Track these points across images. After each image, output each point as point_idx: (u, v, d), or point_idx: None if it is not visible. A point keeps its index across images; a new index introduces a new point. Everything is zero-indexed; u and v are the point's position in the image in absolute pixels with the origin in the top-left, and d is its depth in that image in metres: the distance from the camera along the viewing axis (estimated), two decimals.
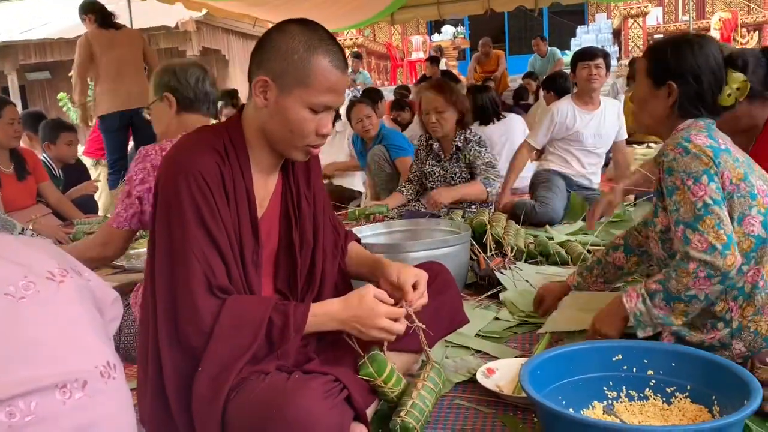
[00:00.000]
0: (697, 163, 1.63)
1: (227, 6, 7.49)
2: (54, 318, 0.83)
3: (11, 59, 14.31)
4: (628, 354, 1.61)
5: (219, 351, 1.36)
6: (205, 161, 1.42)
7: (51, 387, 0.78)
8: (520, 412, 1.71)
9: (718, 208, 1.60)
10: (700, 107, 1.76)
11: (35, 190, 4.19)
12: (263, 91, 1.44)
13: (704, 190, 1.61)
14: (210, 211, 1.40)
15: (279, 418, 1.28)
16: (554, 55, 10.63)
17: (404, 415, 1.51)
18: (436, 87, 3.59)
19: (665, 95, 1.79)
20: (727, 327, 1.66)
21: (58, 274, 0.87)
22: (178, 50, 14.60)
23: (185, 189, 1.39)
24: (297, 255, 1.58)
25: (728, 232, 1.59)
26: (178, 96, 2.26)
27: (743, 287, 1.64)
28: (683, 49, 1.77)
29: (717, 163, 1.63)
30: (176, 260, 1.39)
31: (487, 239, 3.11)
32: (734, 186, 1.63)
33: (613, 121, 4.22)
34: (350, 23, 9.62)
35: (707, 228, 1.59)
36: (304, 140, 1.47)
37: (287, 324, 1.40)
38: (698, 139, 1.67)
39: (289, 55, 1.42)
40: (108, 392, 0.85)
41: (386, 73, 14.43)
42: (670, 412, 1.53)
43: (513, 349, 2.12)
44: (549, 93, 6.16)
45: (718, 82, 1.75)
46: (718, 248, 1.57)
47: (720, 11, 13.18)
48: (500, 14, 12.18)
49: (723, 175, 1.63)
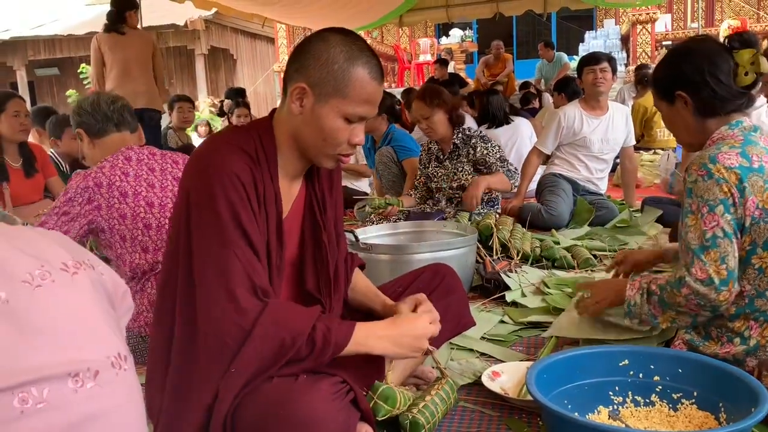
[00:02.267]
0: (717, 190, 1.59)
1: (237, 5, 7.50)
2: (68, 307, 0.83)
3: (20, 55, 14.38)
4: (634, 359, 1.61)
5: (256, 353, 1.33)
6: (239, 162, 1.40)
7: (64, 375, 0.78)
8: (526, 416, 1.70)
9: (728, 241, 1.58)
10: (721, 103, 1.72)
11: (43, 185, 4.20)
12: (300, 98, 1.43)
13: (717, 221, 1.58)
14: (246, 213, 1.38)
15: (286, 419, 1.28)
16: (561, 59, 10.64)
17: (416, 413, 1.54)
18: (419, 95, 3.67)
19: (683, 106, 1.77)
20: (743, 344, 1.63)
21: (72, 266, 0.87)
22: (186, 49, 14.65)
23: (220, 190, 1.37)
24: (327, 258, 1.58)
25: (731, 268, 1.58)
26: (84, 128, 2.31)
27: (766, 311, 1.61)
28: (678, 59, 1.78)
29: (742, 189, 1.58)
30: (213, 260, 1.36)
31: (493, 242, 3.11)
32: (761, 211, 1.58)
33: (621, 126, 4.21)
34: (359, 25, 9.62)
35: (710, 260, 1.58)
36: (336, 149, 1.47)
37: (329, 336, 1.37)
38: (727, 159, 1.61)
39: (329, 64, 1.41)
40: (118, 383, 0.85)
41: (394, 75, 14.44)
42: (677, 418, 1.52)
43: (518, 353, 2.12)
44: (560, 95, 6.16)
45: (725, 71, 1.71)
46: (715, 282, 1.57)
47: (729, 18, 13.14)
48: (509, 18, 12.17)
49: (747, 202, 1.58)
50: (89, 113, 2.29)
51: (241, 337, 1.33)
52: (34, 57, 14.24)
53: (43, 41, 13.97)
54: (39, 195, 4.16)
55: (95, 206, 2.14)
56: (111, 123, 2.31)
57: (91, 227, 2.17)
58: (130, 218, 2.15)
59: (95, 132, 2.30)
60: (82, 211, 2.13)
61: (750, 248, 1.59)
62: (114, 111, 2.31)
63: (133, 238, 2.15)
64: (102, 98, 2.33)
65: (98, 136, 2.31)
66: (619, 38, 13.12)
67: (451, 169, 3.65)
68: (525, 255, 3.09)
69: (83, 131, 2.31)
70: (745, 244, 1.60)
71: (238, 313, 1.34)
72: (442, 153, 3.72)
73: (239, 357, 1.33)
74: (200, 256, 1.38)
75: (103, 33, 5.48)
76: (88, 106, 2.30)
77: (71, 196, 2.15)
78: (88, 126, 2.30)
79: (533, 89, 9.19)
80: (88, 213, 2.14)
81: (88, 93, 5.38)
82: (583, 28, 15.62)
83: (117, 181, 2.17)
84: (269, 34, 14.40)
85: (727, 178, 1.58)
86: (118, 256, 2.19)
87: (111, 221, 2.15)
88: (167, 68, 15.57)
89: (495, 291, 2.70)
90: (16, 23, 14.10)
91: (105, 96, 2.35)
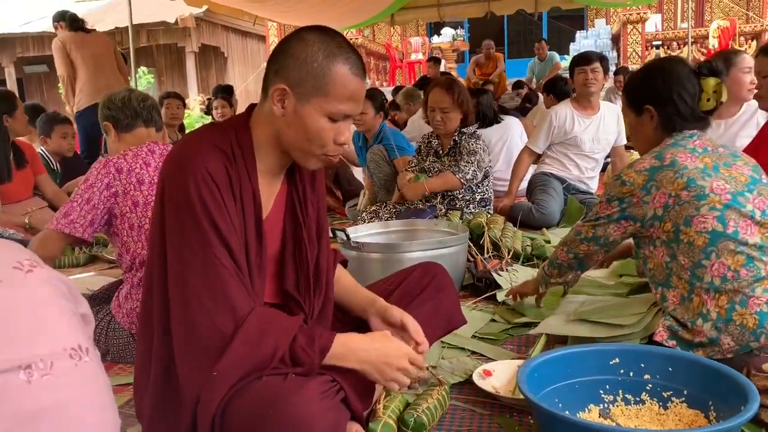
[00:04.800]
0: (617, 189, 1.90)
1: (228, 2, 7.47)
2: (18, 302, 0.83)
3: (9, 52, 14.27)
4: (625, 358, 1.61)
5: (239, 360, 1.32)
6: (213, 162, 1.38)
7: (14, 368, 0.78)
8: (517, 414, 1.71)
9: (605, 222, 1.95)
10: (682, 121, 1.91)
11: (32, 182, 4.18)
12: (281, 99, 1.41)
13: (606, 209, 1.95)
14: (219, 212, 1.37)
15: (276, 418, 1.27)
16: (552, 59, 10.66)
17: (420, 412, 1.58)
18: (446, 86, 3.57)
19: (648, 119, 1.97)
20: (706, 321, 1.71)
21: (27, 265, 0.87)
22: (177, 46, 14.58)
23: (194, 189, 1.35)
24: (307, 257, 1.56)
25: (597, 235, 1.99)
26: (113, 122, 2.36)
27: (712, 281, 1.73)
28: (651, 75, 1.97)
29: (647, 188, 1.83)
30: (192, 265, 1.35)
31: (484, 241, 3.12)
32: (673, 198, 1.79)
33: (612, 126, 4.22)
34: (350, 23, 9.62)
35: (589, 223, 2.02)
36: (322, 149, 1.45)
37: (312, 344, 1.37)
38: (640, 164, 1.87)
39: (308, 63, 1.39)
40: (78, 374, 0.84)
41: (385, 74, 14.42)
42: (667, 416, 1.53)
43: (509, 351, 2.12)
44: (549, 96, 6.18)
45: (691, 93, 1.90)
46: (581, 235, 2.04)
47: (718, 19, 13.21)
48: (500, 18, 12.22)
49: (654, 197, 1.82)
50: (119, 108, 2.35)
51: (222, 345, 1.32)
52: (22, 54, 14.13)
53: (32, 38, 13.86)
54: (28, 192, 4.14)
55: (113, 193, 2.16)
56: (140, 119, 2.37)
57: (110, 215, 2.19)
58: (141, 206, 2.16)
59: (123, 126, 2.36)
60: (102, 198, 2.16)
61: (674, 229, 1.79)
62: (144, 108, 2.38)
63: (140, 226, 2.16)
64: (133, 95, 2.40)
65: (125, 131, 2.36)
66: (610, 38, 13.16)
67: (447, 165, 3.65)
68: (516, 254, 3.10)
69: (111, 125, 2.37)
70: (667, 227, 1.81)
71: (230, 303, 1.33)
72: (441, 148, 3.72)
73: (221, 363, 1.31)
74: (177, 259, 1.37)
75: (67, 32, 5.56)
76: (119, 101, 2.36)
77: (92, 182, 2.17)
78: (116, 120, 2.36)
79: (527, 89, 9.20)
80: (106, 200, 2.16)
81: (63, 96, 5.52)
82: (574, 27, 15.66)
83: (137, 168, 2.20)
84: (260, 32, 14.35)
85: (632, 180, 1.86)
86: (123, 243, 2.19)
87: (124, 208, 2.17)
88: (158, 66, 15.53)
89: (486, 289, 2.70)
90: (5, 20, 14.00)
91: (137, 93, 2.42)
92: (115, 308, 2.19)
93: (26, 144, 4.36)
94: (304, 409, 1.27)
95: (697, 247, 1.75)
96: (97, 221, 2.16)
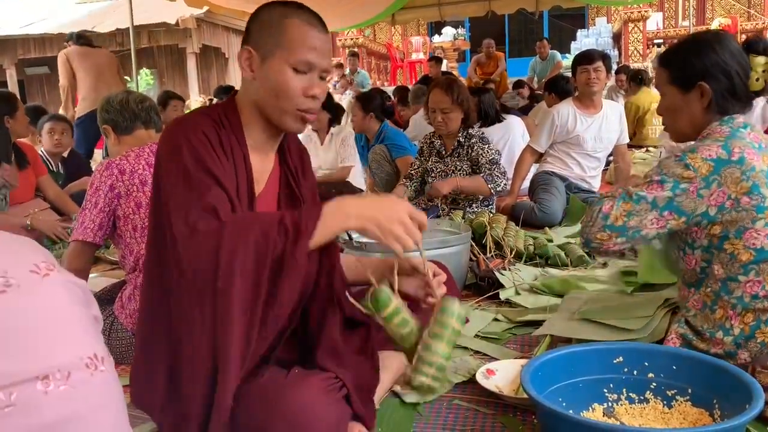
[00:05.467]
0: (678, 170, 1.65)
1: (228, 3, 7.46)
2: (36, 310, 0.83)
3: (10, 53, 14.26)
4: (629, 356, 1.61)
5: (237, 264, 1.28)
6: (204, 125, 1.45)
7: (32, 379, 0.77)
8: (520, 414, 1.71)
9: (648, 209, 1.66)
10: (734, 100, 1.74)
11: (34, 184, 4.17)
12: (249, 62, 1.49)
13: (656, 191, 1.66)
14: (213, 162, 1.40)
15: (278, 412, 1.28)
16: (554, 57, 10.65)
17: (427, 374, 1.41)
18: (445, 87, 3.57)
19: (698, 97, 1.75)
20: (728, 335, 1.65)
21: (44, 268, 0.86)
22: (178, 47, 14.57)
23: (185, 143, 1.40)
24: None
25: (628, 226, 1.67)
26: (112, 124, 2.37)
27: (741, 297, 1.64)
28: (705, 48, 1.74)
29: (710, 181, 1.62)
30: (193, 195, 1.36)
31: (487, 240, 3.11)
32: (732, 201, 1.62)
33: (615, 125, 4.22)
34: (351, 23, 9.61)
35: (622, 208, 1.68)
36: (291, 102, 1.47)
37: (299, 218, 1.34)
38: (706, 151, 1.65)
39: (266, 23, 1.48)
40: (94, 384, 0.84)
41: (386, 74, 14.42)
42: (671, 415, 1.52)
43: (513, 350, 2.12)
44: (551, 95, 6.17)
45: (744, 70, 1.73)
46: (608, 221, 1.68)
47: (720, 17, 13.20)
48: (501, 17, 12.20)
49: (712, 193, 1.62)
50: (117, 110, 2.36)
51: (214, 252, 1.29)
52: (24, 55, 14.13)
53: (33, 40, 13.85)
54: (30, 194, 4.13)
55: (116, 194, 2.17)
56: (138, 121, 2.38)
57: (114, 216, 2.19)
58: (144, 207, 2.16)
59: (122, 129, 2.37)
60: (107, 199, 2.16)
61: (722, 235, 1.65)
62: (142, 110, 2.38)
63: (143, 227, 2.15)
64: (131, 97, 2.40)
65: (125, 133, 2.37)
66: (611, 36, 13.16)
67: (450, 165, 3.64)
68: (518, 253, 3.10)
69: (110, 128, 2.38)
70: (715, 230, 1.66)
71: (204, 235, 1.31)
72: (444, 149, 3.71)
73: (221, 289, 1.28)
74: (175, 208, 1.37)
75: (72, 46, 5.87)
76: (117, 104, 2.36)
77: (97, 185, 2.18)
78: (115, 123, 2.37)
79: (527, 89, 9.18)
80: (111, 201, 2.17)
81: (61, 104, 5.92)
82: (575, 26, 15.65)
83: (140, 169, 2.20)
84: None
85: (697, 167, 1.63)
86: (126, 245, 2.19)
87: (127, 209, 2.17)
88: (159, 67, 15.53)
89: (489, 289, 2.70)
90: (6, 21, 14.00)
91: (134, 95, 2.43)
92: (118, 309, 2.19)
93: (27, 145, 4.35)
94: (306, 403, 1.29)
95: (738, 262, 1.64)
96: (105, 224, 2.17)
